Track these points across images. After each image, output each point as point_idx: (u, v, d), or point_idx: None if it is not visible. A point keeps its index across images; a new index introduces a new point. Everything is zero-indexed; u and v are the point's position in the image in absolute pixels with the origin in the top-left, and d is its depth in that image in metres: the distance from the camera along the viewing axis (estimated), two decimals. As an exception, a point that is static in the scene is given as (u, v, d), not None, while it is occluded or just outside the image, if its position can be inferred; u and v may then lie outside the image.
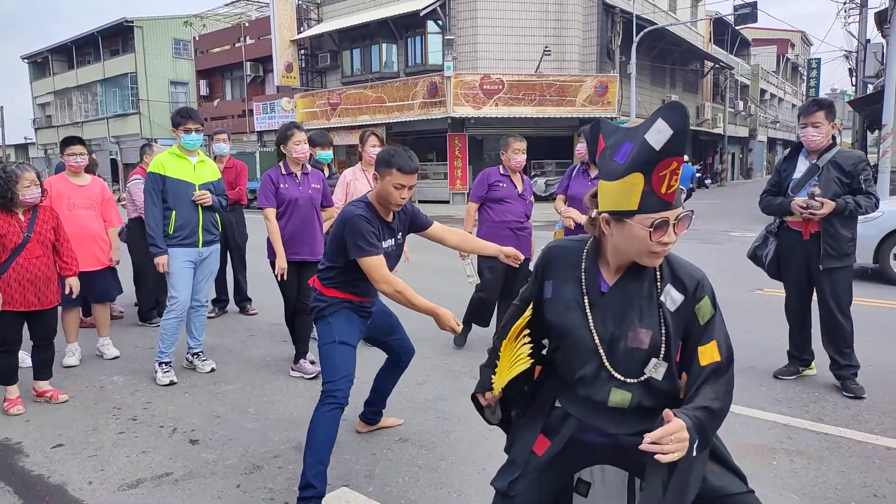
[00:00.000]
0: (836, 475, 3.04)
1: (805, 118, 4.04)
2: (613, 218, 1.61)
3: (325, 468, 2.79)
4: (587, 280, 1.71)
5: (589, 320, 1.67)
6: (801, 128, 4.09)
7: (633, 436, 1.65)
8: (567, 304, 1.72)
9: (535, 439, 1.80)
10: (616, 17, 22.87)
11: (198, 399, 4.22)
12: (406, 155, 2.87)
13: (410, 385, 4.35)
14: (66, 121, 41.99)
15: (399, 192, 2.86)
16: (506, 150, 4.99)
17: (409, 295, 2.87)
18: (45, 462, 3.35)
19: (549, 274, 1.79)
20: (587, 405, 1.73)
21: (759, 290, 7.12)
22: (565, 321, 1.71)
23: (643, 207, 1.54)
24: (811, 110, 4.01)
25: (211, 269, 4.81)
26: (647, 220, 1.54)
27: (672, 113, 1.49)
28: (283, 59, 26.28)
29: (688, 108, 1.66)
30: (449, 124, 21.67)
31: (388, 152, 2.89)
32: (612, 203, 1.59)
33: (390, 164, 2.84)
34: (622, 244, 1.62)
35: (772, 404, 3.93)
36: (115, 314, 6.32)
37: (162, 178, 4.46)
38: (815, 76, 35.01)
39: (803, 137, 4.08)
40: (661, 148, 1.48)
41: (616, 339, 1.66)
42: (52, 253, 4.11)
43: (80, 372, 4.82)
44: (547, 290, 1.78)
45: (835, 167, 4.01)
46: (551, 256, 1.81)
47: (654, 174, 1.51)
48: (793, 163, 4.23)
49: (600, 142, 1.66)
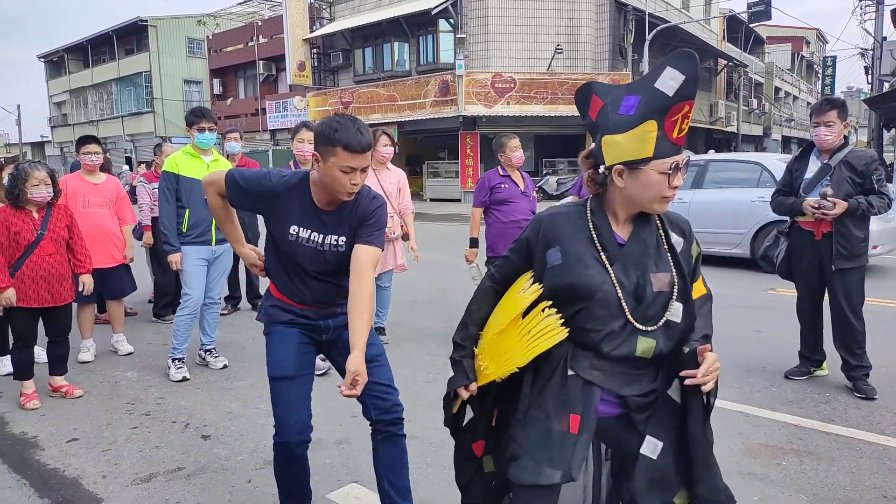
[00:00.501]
0: (847, 476, 3.02)
1: (817, 117, 4.00)
2: (628, 168, 1.65)
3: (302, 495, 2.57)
4: (600, 237, 1.73)
5: (611, 274, 1.70)
6: (812, 127, 4.06)
7: (642, 397, 1.74)
8: (584, 262, 1.71)
9: (558, 419, 1.73)
10: (628, 15, 22.74)
11: (210, 395, 4.27)
12: (354, 127, 2.19)
13: (420, 383, 4.38)
14: (82, 119, 42.39)
15: (348, 176, 2.21)
16: (504, 151, 5.01)
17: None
18: (61, 456, 3.40)
19: (554, 240, 1.75)
20: (610, 363, 1.72)
21: (771, 290, 7.08)
22: (587, 279, 1.69)
23: (658, 153, 1.61)
24: (823, 109, 3.98)
25: (224, 267, 4.86)
26: (662, 164, 1.62)
27: (681, 60, 1.57)
28: (296, 57, 26.38)
29: (701, 106, 1.71)
30: (460, 123, 21.67)
31: (328, 125, 2.20)
32: (626, 153, 1.64)
33: (333, 140, 2.17)
34: (637, 192, 1.67)
35: (783, 405, 3.92)
36: (128, 311, 6.39)
37: (176, 177, 4.52)
38: (831, 74, 34.61)
39: (815, 137, 4.04)
40: (675, 93, 1.57)
41: (641, 286, 1.70)
42: (65, 251, 4.17)
43: (95, 367, 4.88)
44: (553, 258, 1.74)
45: (847, 167, 3.97)
46: (552, 223, 1.78)
47: (667, 119, 1.59)
48: (804, 162, 4.19)
49: (594, 101, 1.73)
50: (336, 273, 2.41)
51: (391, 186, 5.14)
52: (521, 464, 1.74)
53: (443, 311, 6.50)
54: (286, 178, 2.36)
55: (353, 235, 2.36)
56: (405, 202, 5.25)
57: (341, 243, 2.37)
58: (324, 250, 2.37)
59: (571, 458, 1.70)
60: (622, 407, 1.77)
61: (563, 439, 1.71)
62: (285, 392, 2.41)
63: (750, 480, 2.98)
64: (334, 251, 2.37)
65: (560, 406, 1.73)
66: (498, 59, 21.98)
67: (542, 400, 1.75)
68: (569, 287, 1.71)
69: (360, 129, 2.20)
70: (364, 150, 2.20)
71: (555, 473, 1.70)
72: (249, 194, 2.37)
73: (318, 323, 2.48)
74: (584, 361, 1.74)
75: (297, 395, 2.41)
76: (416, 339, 5.45)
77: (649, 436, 1.74)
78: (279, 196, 2.35)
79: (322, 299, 2.46)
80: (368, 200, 2.39)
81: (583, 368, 1.74)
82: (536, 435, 1.73)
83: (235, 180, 2.37)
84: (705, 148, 30.61)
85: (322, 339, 2.51)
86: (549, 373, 1.76)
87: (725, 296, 6.96)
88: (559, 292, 1.73)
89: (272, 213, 2.37)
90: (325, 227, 2.35)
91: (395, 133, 22.48)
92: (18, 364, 4.11)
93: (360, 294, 2.25)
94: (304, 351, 2.47)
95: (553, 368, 1.75)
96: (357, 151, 2.18)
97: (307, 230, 2.35)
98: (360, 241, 2.33)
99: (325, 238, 2.36)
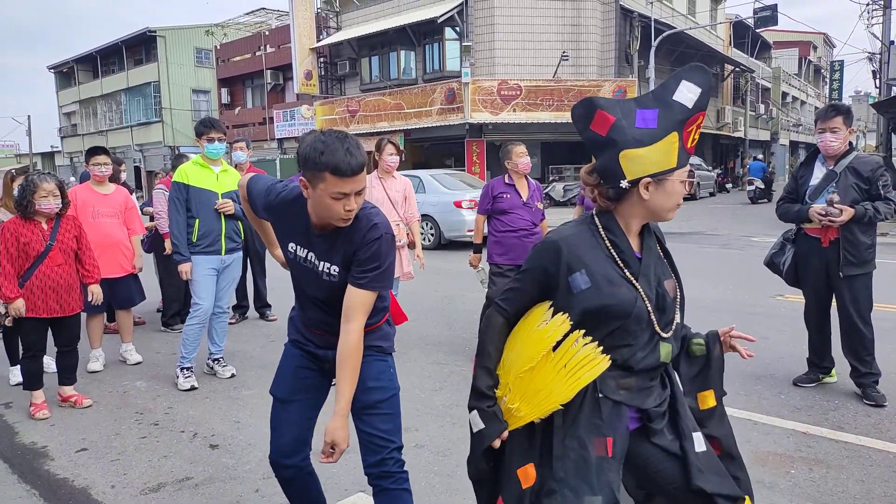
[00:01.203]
0: (856, 485, 3.00)
1: (822, 123, 3.97)
2: (655, 180, 1.69)
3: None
4: (620, 254, 1.74)
5: (640, 289, 1.72)
6: (818, 133, 4.03)
7: (658, 407, 1.78)
8: (613, 282, 1.70)
9: (593, 444, 1.70)
10: (634, 21, 22.77)
11: (218, 404, 4.28)
12: (343, 147, 1.90)
13: (427, 392, 4.38)
14: (91, 129, 42.73)
15: (341, 203, 1.95)
16: (510, 158, 5.02)
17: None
18: (70, 466, 3.42)
19: (577, 264, 1.70)
20: (636, 379, 1.74)
21: (779, 296, 7.05)
22: (622, 298, 1.69)
23: (680, 163, 1.69)
24: (829, 115, 3.96)
25: (233, 277, 4.90)
26: (683, 173, 1.71)
27: (696, 73, 1.67)
28: (303, 66, 26.54)
29: (708, 111, 1.74)
30: (467, 130, 21.70)
31: (313, 147, 1.92)
32: (654, 165, 1.67)
33: (319, 164, 1.90)
34: (661, 202, 1.72)
35: (791, 412, 3.90)
36: (137, 321, 6.43)
37: (186, 188, 4.56)
38: (838, 78, 34.52)
39: (821, 143, 4.02)
40: (693, 105, 1.65)
41: (661, 296, 1.76)
42: (74, 261, 4.21)
43: (104, 377, 4.91)
44: (580, 281, 1.69)
45: (852, 173, 3.94)
46: (571, 247, 1.72)
47: (685, 130, 1.67)
48: (809, 169, 4.17)
49: (602, 117, 1.69)
50: (334, 304, 2.15)
51: (397, 195, 5.15)
52: (560, 496, 1.68)
53: (449, 320, 6.50)
54: (283, 194, 2.20)
55: (347, 269, 2.10)
56: (411, 210, 5.27)
57: (334, 272, 2.12)
58: (319, 274, 2.15)
59: (613, 482, 1.69)
60: (640, 421, 1.79)
61: (601, 464, 1.69)
62: (276, 412, 2.35)
63: (758, 489, 2.96)
64: (327, 279, 2.14)
65: (594, 430, 1.71)
66: (504, 67, 22.03)
67: (574, 429, 1.72)
68: (603, 309, 1.68)
69: (350, 150, 1.91)
70: (356, 172, 1.92)
71: (596, 500, 1.66)
72: (257, 204, 2.32)
73: (318, 352, 2.29)
74: (612, 382, 1.73)
75: (287, 418, 2.31)
76: (423, 348, 5.45)
77: (693, 433, 1.79)
78: (276, 211, 2.22)
79: (323, 327, 2.26)
80: (366, 229, 2.07)
81: (610, 390, 1.73)
82: (572, 465, 1.69)
83: (251, 189, 2.35)
84: (713, 154, 30.55)
85: (326, 367, 2.32)
86: (579, 401, 1.71)
87: (732, 302, 6.94)
88: (591, 316, 1.69)
89: (274, 226, 2.30)
90: (317, 251, 2.14)
91: (401, 141, 22.60)
92: (28, 374, 4.14)
93: (345, 342, 2.05)
94: (302, 375, 2.32)
95: (582, 395, 1.71)
96: (347, 175, 1.91)
97: (304, 249, 2.16)
98: (351, 283, 2.08)
99: (320, 263, 2.14)
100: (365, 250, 2.06)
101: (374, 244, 2.07)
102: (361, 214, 2.09)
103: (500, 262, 4.96)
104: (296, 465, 2.34)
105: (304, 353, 2.34)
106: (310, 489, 2.45)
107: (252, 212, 2.43)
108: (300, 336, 2.35)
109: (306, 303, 2.28)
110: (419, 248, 5.32)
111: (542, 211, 5.14)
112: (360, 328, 2.09)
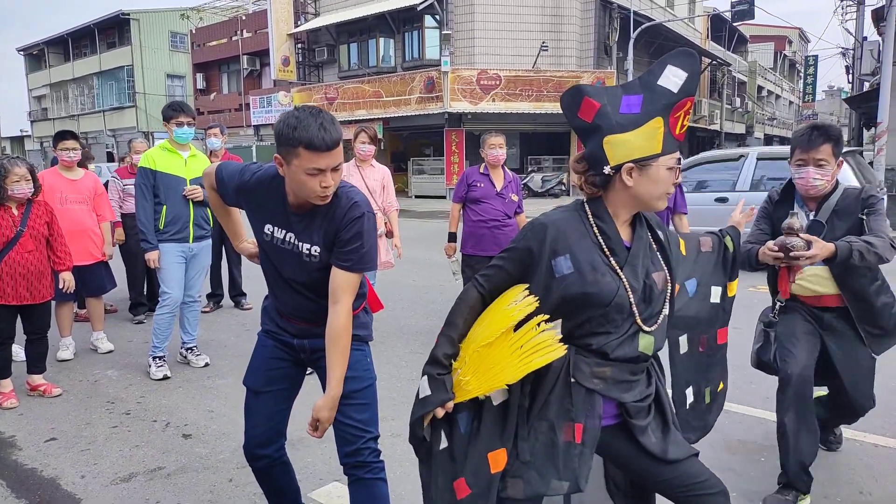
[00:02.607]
0: (823, 472, 3.06)
1: (803, 152, 2.75)
2: (638, 165, 1.67)
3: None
4: (608, 241, 1.72)
5: (623, 279, 1.70)
6: (796, 166, 2.79)
7: (639, 402, 1.77)
8: (598, 269, 1.69)
9: (562, 429, 1.70)
10: (613, 13, 22.84)
11: (191, 394, 4.24)
12: (317, 122, 1.87)
13: (404, 381, 4.38)
14: (63, 114, 41.84)
15: (317, 179, 1.91)
16: (483, 147, 5.03)
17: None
18: (38, 456, 3.36)
19: (562, 248, 1.69)
20: (612, 369, 1.73)
21: (751, 287, 7.14)
22: (604, 287, 1.67)
23: (665, 149, 1.67)
24: (815, 142, 2.71)
25: (202, 265, 4.80)
26: (669, 160, 1.68)
27: (682, 58, 1.66)
28: (280, 52, 26.22)
29: None
30: (446, 119, 21.65)
31: (286, 122, 1.90)
32: (637, 150, 1.66)
33: (292, 139, 1.87)
34: (646, 190, 1.69)
35: (761, 402, 3.96)
36: (108, 308, 6.32)
37: (152, 173, 4.45)
38: (813, 73, 35.02)
39: (799, 180, 2.79)
40: (679, 89, 1.64)
41: (649, 287, 1.74)
42: (45, 248, 4.12)
43: (74, 366, 4.83)
44: (563, 266, 1.68)
45: (841, 218, 2.80)
46: (558, 231, 1.70)
47: (672, 116, 1.65)
48: (787, 209, 2.86)
49: (588, 103, 1.70)
50: (315, 288, 2.13)
51: (375, 184, 5.12)
52: (525, 476, 1.70)
53: (427, 309, 6.50)
54: (259, 173, 2.14)
55: (329, 250, 2.07)
56: (389, 199, 5.24)
57: (315, 252, 2.07)
58: (300, 255, 2.10)
59: (578, 468, 1.69)
60: (619, 417, 1.78)
61: (568, 449, 1.70)
62: (250, 404, 2.32)
63: (729, 476, 3.01)
64: (308, 260, 2.09)
65: (563, 415, 1.71)
66: (483, 56, 21.98)
67: (545, 412, 1.72)
68: (584, 296, 1.68)
69: (324, 124, 1.87)
70: (330, 147, 1.88)
71: (562, 485, 1.68)
72: (229, 188, 2.22)
73: (294, 342, 2.25)
74: (586, 369, 1.72)
75: (261, 409, 2.28)
76: (400, 337, 5.45)
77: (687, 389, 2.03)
78: (251, 191, 2.15)
79: (300, 315, 2.22)
80: (346, 207, 2.04)
81: (584, 377, 1.72)
82: (541, 447, 1.71)
83: (221, 173, 2.25)
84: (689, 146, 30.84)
85: (301, 357, 2.29)
86: (552, 384, 1.72)
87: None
88: (571, 301, 1.69)
89: (248, 209, 2.21)
90: (296, 232, 2.09)
91: (380, 129, 22.45)
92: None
93: (333, 323, 2.03)
94: (275, 366, 2.28)
95: (555, 379, 1.72)
96: (321, 150, 1.87)
97: (282, 230, 2.11)
98: (335, 265, 2.05)
99: (301, 244, 2.09)
100: (347, 230, 2.03)
101: (356, 223, 2.03)
102: (341, 192, 2.05)
103: (471, 252, 4.96)
104: (270, 456, 2.33)
105: (277, 343, 2.30)
106: (284, 479, 2.43)
107: (219, 200, 2.34)
108: (274, 325, 2.30)
109: (283, 289, 2.21)
110: (397, 237, 5.30)
111: (518, 203, 5.13)
112: (349, 309, 2.06)
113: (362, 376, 2.22)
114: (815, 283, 2.87)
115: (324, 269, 2.08)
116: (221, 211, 2.43)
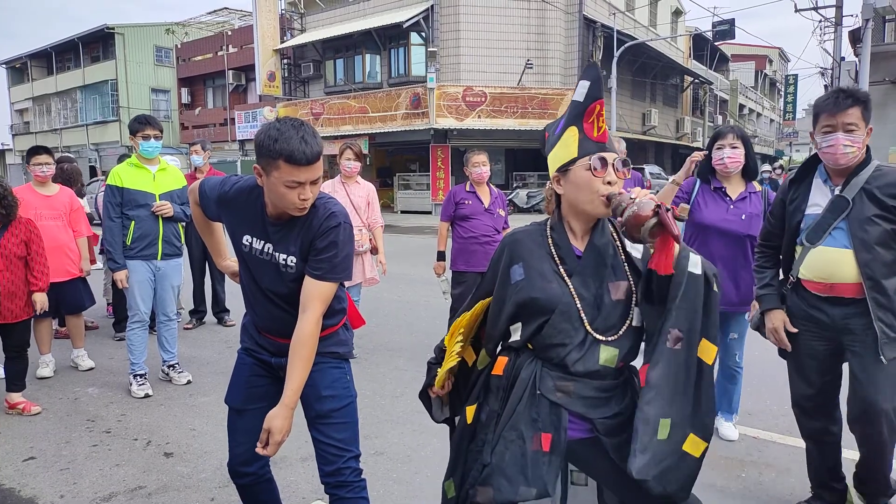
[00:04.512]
0: (803, 486, 3.08)
1: (830, 117, 2.42)
2: (560, 173, 1.80)
3: None
4: (559, 251, 1.81)
5: (570, 286, 1.76)
6: (821, 133, 2.47)
7: (609, 419, 1.76)
8: (545, 276, 1.78)
9: (531, 438, 1.75)
10: (597, 31, 23.16)
11: (173, 411, 4.20)
12: (298, 135, 1.88)
13: (387, 398, 4.36)
14: (45, 127, 41.47)
15: (295, 191, 1.93)
16: (467, 165, 5.07)
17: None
18: (16, 475, 3.31)
19: (516, 258, 1.83)
20: (575, 384, 1.74)
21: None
22: (550, 293, 1.75)
23: (581, 152, 1.75)
24: (843, 106, 2.39)
25: (171, 284, 4.62)
26: (586, 161, 1.74)
27: (587, 70, 1.81)
28: (266, 68, 26.24)
29: (668, 121, 1.85)
30: (432, 135, 21.75)
31: (267, 134, 1.90)
32: (558, 160, 1.81)
33: (273, 151, 1.88)
34: (573, 194, 1.77)
35: (743, 417, 3.99)
36: (89, 325, 6.25)
37: (120, 191, 4.36)
38: (793, 92, 35.60)
39: (828, 149, 2.45)
40: (585, 97, 1.76)
41: (600, 296, 1.76)
42: (20, 267, 4.06)
43: (54, 383, 4.77)
44: (516, 274, 1.81)
45: (871, 199, 2.43)
46: (514, 242, 1.87)
47: (585, 122, 1.76)
48: (805, 190, 2.61)
49: (545, 137, 1.93)
50: (292, 300, 2.11)
51: (360, 200, 5.14)
52: (496, 484, 1.74)
53: (411, 326, 6.49)
54: (238, 184, 2.16)
55: (305, 260, 2.06)
56: (374, 216, 5.26)
57: (291, 263, 2.08)
58: (277, 266, 2.10)
59: (546, 475, 1.73)
60: (592, 431, 1.79)
61: (536, 457, 1.74)
62: (232, 421, 2.31)
63: (710, 492, 3.03)
64: (285, 270, 2.09)
65: (531, 425, 1.76)
66: (469, 73, 22.15)
67: (514, 420, 1.78)
68: (531, 301, 1.77)
69: (305, 138, 1.88)
70: (311, 160, 1.89)
71: (530, 491, 1.72)
72: (210, 200, 2.22)
73: (272, 361, 2.23)
74: (550, 382, 1.76)
75: (244, 427, 2.26)
76: (384, 354, 5.43)
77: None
78: (231, 201, 2.15)
79: (276, 329, 2.19)
80: (323, 217, 2.05)
81: (548, 389, 1.76)
82: (511, 455, 1.75)
83: (203, 187, 2.27)
84: (672, 163, 31.19)
85: (281, 375, 2.19)
86: (520, 393, 1.79)
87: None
88: (524, 307, 1.79)
89: (227, 221, 2.21)
90: (273, 242, 2.09)
91: (365, 145, 22.52)
92: (-27, 380, 4.00)
93: (299, 330, 2.01)
94: (256, 384, 2.27)
95: (523, 389, 1.79)
96: (302, 164, 1.88)
97: (260, 241, 2.11)
98: (308, 273, 2.05)
99: (278, 254, 2.09)
100: (322, 238, 2.03)
101: (332, 232, 2.04)
102: (318, 203, 2.07)
103: (462, 269, 4.98)
104: (254, 473, 2.32)
105: (256, 361, 2.29)
106: (268, 497, 2.43)
107: (202, 216, 2.35)
108: (253, 343, 2.29)
109: (261, 301, 2.20)
110: (382, 253, 5.31)
111: (504, 218, 5.17)
112: (317, 318, 2.05)
113: (341, 395, 2.21)
114: (830, 266, 2.48)
115: (300, 280, 2.08)
116: (205, 227, 2.44)
